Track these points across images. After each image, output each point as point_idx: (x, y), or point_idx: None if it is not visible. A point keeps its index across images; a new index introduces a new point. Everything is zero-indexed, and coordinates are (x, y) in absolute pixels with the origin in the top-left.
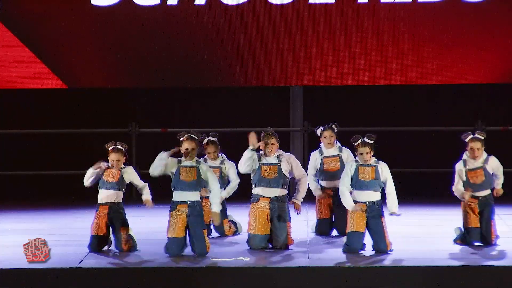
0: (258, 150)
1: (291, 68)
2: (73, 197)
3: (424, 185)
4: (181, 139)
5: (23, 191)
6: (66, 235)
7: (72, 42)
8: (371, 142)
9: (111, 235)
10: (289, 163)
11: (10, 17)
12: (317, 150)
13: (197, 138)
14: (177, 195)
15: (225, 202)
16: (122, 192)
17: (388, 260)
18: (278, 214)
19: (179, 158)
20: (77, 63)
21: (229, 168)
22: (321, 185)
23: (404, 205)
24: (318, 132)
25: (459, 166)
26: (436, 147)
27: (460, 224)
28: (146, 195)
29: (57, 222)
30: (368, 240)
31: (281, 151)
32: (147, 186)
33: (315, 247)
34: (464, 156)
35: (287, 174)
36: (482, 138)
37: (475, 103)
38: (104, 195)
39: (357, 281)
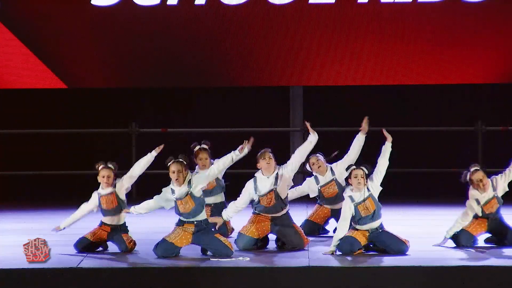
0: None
1: (291, 68)
2: (73, 197)
3: (424, 185)
4: (168, 164)
5: (23, 191)
6: (66, 235)
7: (72, 42)
8: (366, 171)
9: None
10: (285, 175)
11: (10, 17)
12: (313, 178)
13: (184, 162)
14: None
15: (225, 202)
16: (125, 209)
17: (388, 260)
18: (282, 222)
19: (171, 188)
20: (77, 63)
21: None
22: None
23: (404, 205)
24: (307, 166)
25: (472, 203)
26: (436, 147)
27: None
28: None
29: (57, 222)
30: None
31: (277, 168)
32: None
33: (315, 247)
34: (473, 193)
35: (285, 193)
36: (479, 168)
37: (475, 103)
38: (107, 218)
39: (357, 281)
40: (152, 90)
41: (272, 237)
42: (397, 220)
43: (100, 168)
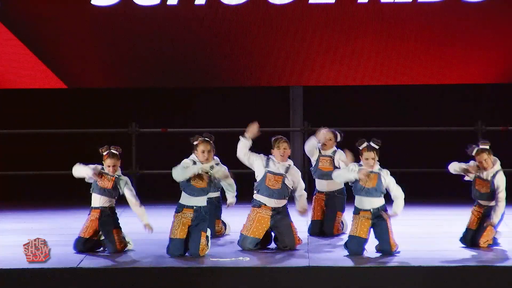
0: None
1: (291, 68)
2: (73, 197)
3: (424, 185)
4: (195, 142)
5: (23, 191)
6: (66, 235)
7: (72, 42)
8: (377, 147)
9: (102, 237)
10: (294, 177)
11: (10, 17)
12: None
13: (211, 141)
14: (185, 199)
15: (221, 203)
16: (115, 199)
17: (388, 260)
18: (280, 218)
19: (194, 160)
20: (77, 63)
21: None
22: (315, 189)
23: (404, 205)
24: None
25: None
26: (436, 147)
27: (458, 225)
28: (145, 219)
29: (57, 222)
30: (372, 240)
31: (290, 162)
32: (143, 209)
33: (315, 247)
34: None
35: (290, 187)
36: (487, 147)
37: (475, 103)
38: (97, 199)
39: (357, 281)
40: (152, 90)
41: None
42: (397, 220)
43: (105, 154)
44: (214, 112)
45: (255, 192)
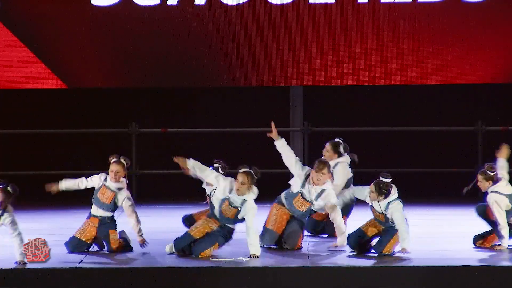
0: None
1: (291, 68)
2: (73, 197)
3: (424, 185)
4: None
5: (23, 191)
6: (66, 235)
7: (72, 42)
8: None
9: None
10: (328, 200)
11: (10, 17)
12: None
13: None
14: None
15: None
16: (113, 213)
17: (388, 260)
18: (295, 221)
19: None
20: (77, 63)
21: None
22: None
23: (404, 205)
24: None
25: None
26: (436, 147)
27: (458, 225)
28: (140, 235)
29: (57, 222)
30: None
31: (327, 186)
32: (139, 224)
33: (315, 247)
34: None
35: (317, 209)
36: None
37: (475, 103)
38: (95, 210)
39: (357, 281)
40: (152, 90)
41: None
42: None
43: (112, 161)
44: (214, 112)
45: (283, 194)
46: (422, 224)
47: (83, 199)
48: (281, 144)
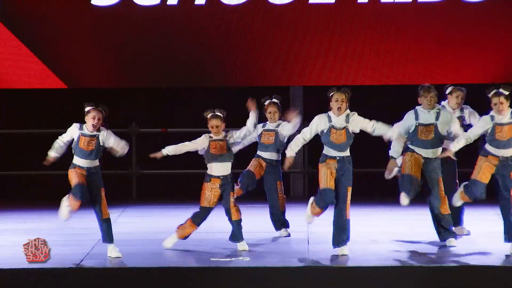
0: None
1: (291, 68)
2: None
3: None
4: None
5: (23, 191)
6: (66, 235)
7: (72, 42)
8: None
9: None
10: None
11: (10, 17)
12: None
13: (222, 116)
14: (212, 169)
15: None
16: (98, 160)
17: (388, 260)
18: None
19: (210, 134)
20: (77, 63)
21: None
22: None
23: (404, 205)
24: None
25: (486, 118)
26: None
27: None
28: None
29: (57, 222)
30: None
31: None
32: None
33: (315, 246)
34: (492, 112)
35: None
36: (506, 93)
37: (475, 103)
38: (81, 161)
39: (357, 281)
40: (152, 90)
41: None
42: (397, 220)
43: (90, 108)
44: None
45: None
46: (422, 224)
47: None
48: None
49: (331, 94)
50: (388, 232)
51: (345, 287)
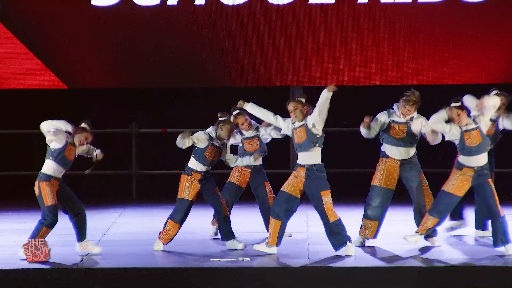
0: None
1: (291, 68)
2: None
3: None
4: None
5: (23, 191)
6: (66, 235)
7: (72, 42)
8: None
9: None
10: (419, 122)
11: (10, 17)
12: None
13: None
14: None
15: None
16: None
17: (388, 260)
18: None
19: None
20: (77, 63)
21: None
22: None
23: (403, 205)
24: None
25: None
26: (436, 147)
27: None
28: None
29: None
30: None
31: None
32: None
33: (315, 247)
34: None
35: (417, 134)
36: (458, 104)
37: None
38: (58, 170)
39: (357, 281)
40: (152, 90)
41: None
42: (397, 220)
43: (86, 126)
44: (214, 112)
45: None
46: None
47: (82, 199)
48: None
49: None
50: (388, 232)
51: (345, 287)
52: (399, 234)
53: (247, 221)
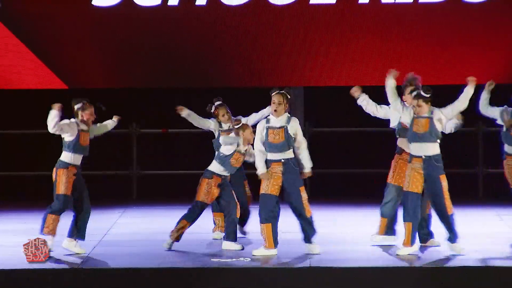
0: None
1: (291, 68)
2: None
3: None
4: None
5: (23, 191)
6: (66, 235)
7: (72, 42)
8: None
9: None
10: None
11: (10, 17)
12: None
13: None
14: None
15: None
16: None
17: (387, 260)
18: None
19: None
20: (77, 63)
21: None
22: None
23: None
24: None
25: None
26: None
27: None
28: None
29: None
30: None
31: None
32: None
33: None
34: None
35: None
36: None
37: (474, 103)
38: (76, 158)
39: (357, 281)
40: (152, 90)
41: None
42: (397, 220)
43: (87, 104)
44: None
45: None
46: None
47: None
48: (362, 99)
49: (272, 94)
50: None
51: (345, 287)
52: (398, 234)
53: (248, 222)
